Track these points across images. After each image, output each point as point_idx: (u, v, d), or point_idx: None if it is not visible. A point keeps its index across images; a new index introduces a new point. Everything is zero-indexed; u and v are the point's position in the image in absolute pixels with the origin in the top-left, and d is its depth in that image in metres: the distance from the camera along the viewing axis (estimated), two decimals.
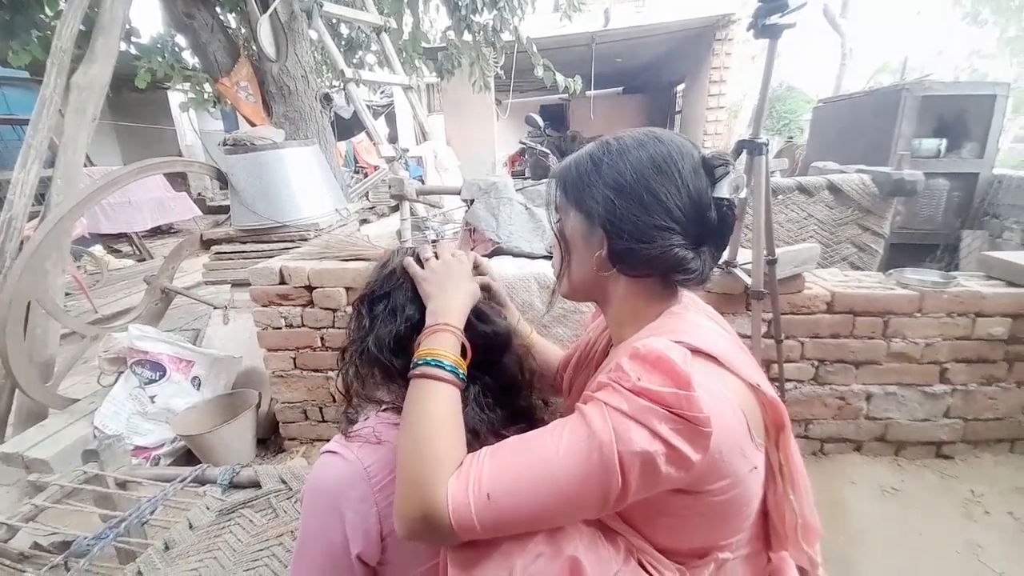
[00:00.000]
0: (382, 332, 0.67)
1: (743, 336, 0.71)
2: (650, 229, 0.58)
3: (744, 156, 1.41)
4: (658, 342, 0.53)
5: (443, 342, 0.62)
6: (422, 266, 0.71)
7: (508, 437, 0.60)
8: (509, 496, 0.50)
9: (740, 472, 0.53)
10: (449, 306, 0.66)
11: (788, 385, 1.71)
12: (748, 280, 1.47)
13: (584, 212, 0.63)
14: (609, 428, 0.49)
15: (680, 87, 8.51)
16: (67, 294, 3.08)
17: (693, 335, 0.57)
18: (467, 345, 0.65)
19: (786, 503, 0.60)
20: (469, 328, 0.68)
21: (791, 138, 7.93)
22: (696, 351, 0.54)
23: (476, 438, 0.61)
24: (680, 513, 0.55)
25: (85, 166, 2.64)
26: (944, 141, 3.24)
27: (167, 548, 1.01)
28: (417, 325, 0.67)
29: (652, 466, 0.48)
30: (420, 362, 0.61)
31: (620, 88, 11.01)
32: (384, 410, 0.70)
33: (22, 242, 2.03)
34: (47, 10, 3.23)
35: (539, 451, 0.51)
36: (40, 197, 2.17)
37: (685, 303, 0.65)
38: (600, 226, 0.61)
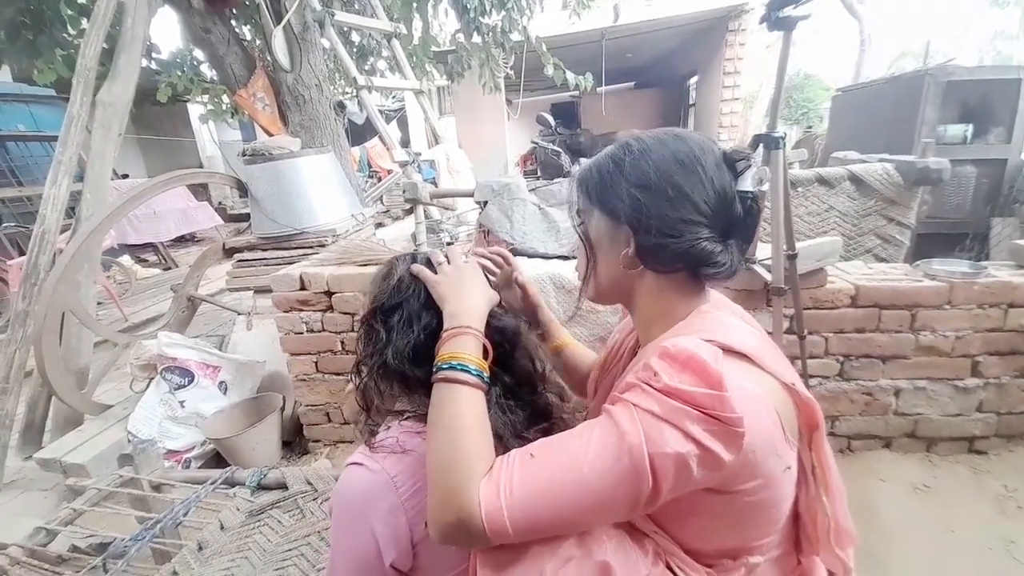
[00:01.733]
0: (400, 344, 0.66)
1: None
2: (677, 223, 0.58)
3: (761, 150, 1.39)
4: (688, 341, 0.53)
5: (465, 345, 0.62)
6: (433, 271, 0.71)
7: (530, 439, 0.60)
8: (541, 500, 0.50)
9: (773, 472, 0.53)
10: (468, 308, 0.65)
11: (813, 381, 1.68)
12: (768, 276, 1.45)
13: (608, 212, 0.63)
14: (639, 430, 0.49)
15: (693, 80, 8.39)
16: (98, 303, 3.19)
17: (724, 334, 0.56)
18: (489, 347, 0.64)
19: (819, 505, 0.59)
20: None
21: (810, 127, 7.76)
22: (727, 350, 0.54)
23: (499, 441, 0.60)
24: (711, 513, 0.54)
25: (113, 179, 2.73)
26: (970, 127, 3.13)
27: (200, 548, 1.04)
28: (435, 332, 0.66)
29: (685, 467, 0.48)
30: (444, 366, 0.60)
31: (632, 83, 10.90)
32: (406, 418, 0.70)
33: (55, 255, 2.11)
34: (69, 29, 3.35)
35: (569, 454, 0.51)
36: (71, 210, 2.25)
37: (714, 302, 0.65)
38: (626, 224, 0.61)
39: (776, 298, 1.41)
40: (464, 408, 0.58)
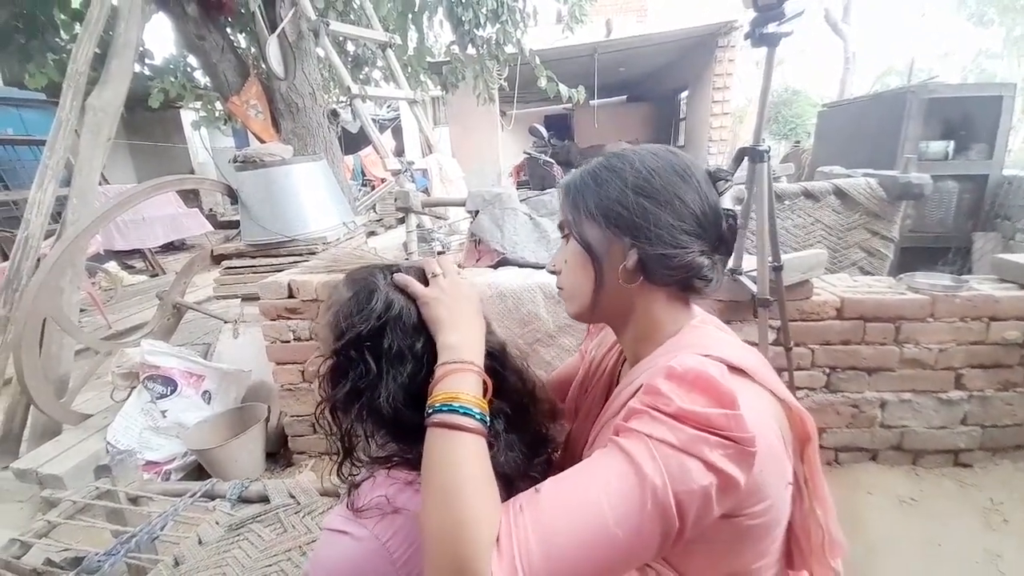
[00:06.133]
0: (394, 384, 0.55)
1: (751, 343, 0.70)
2: (681, 234, 0.57)
3: (746, 163, 1.41)
4: (692, 359, 0.50)
5: (467, 384, 0.53)
6: (424, 283, 0.61)
7: (535, 477, 0.56)
8: (567, 571, 0.44)
9: (778, 489, 0.51)
10: (469, 339, 0.57)
11: (800, 393, 1.69)
12: (754, 287, 1.46)
13: (606, 221, 0.59)
14: (660, 468, 0.45)
15: (684, 94, 8.53)
16: (81, 310, 3.14)
17: (721, 348, 0.54)
18: (489, 384, 0.55)
19: (812, 518, 0.58)
20: None
21: (798, 142, 7.91)
22: (729, 365, 0.52)
23: (508, 485, 0.52)
24: (715, 539, 0.51)
25: (100, 184, 2.70)
26: (952, 143, 3.21)
27: (177, 564, 1.01)
28: (430, 363, 0.55)
29: (708, 500, 0.45)
30: (442, 408, 0.51)
31: (624, 96, 11.05)
32: (393, 465, 0.58)
33: (39, 260, 2.08)
34: (62, 34, 3.34)
35: (588, 509, 0.45)
36: (56, 215, 2.22)
37: (702, 316, 0.64)
38: (627, 234, 0.58)
39: (762, 309, 1.42)
40: (468, 460, 0.49)
